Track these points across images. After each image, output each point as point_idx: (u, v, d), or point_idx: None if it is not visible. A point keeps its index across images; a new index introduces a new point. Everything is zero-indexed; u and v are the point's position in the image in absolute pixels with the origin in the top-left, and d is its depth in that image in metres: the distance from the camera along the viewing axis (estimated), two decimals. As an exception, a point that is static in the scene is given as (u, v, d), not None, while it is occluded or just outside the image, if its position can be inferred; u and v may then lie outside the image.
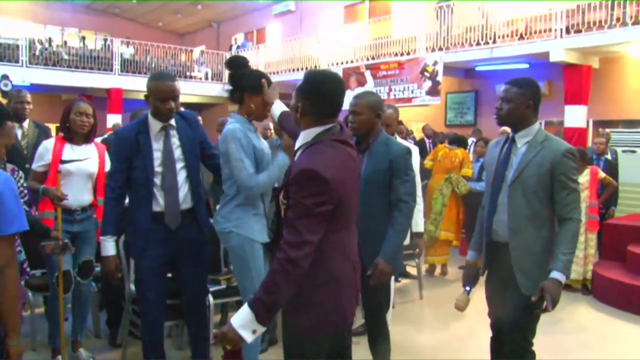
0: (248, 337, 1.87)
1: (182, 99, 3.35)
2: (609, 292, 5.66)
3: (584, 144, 10.15)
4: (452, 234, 6.64)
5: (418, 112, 13.83)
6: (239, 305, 3.44)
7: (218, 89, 18.74)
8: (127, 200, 3.27)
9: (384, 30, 14.60)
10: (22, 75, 14.96)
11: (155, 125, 3.12)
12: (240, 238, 3.06)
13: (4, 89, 13.31)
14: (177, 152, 3.16)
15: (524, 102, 2.64)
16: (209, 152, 3.36)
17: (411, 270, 6.06)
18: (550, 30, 10.28)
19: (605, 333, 4.83)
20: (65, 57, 16.33)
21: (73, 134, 3.67)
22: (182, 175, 3.16)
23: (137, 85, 15.59)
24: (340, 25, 16.38)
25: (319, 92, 2.07)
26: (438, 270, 6.81)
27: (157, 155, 3.12)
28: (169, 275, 3.35)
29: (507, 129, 8.54)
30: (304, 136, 2.12)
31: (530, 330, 2.73)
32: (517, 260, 2.65)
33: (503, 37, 11.08)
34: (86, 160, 3.70)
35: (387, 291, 3.28)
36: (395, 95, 12.93)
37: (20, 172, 3.64)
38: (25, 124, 4.54)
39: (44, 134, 4.58)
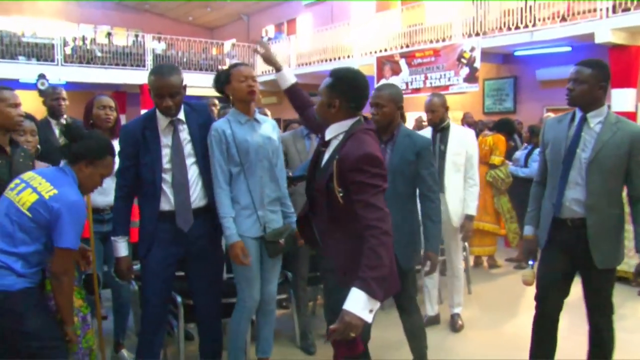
0: (369, 317, 2.00)
1: (214, 92, 3.20)
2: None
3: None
4: (493, 225, 6.34)
5: (455, 100, 13.46)
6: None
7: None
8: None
9: (418, 17, 14.25)
10: (58, 74, 15.12)
11: (162, 120, 2.95)
12: None
13: (41, 87, 13.45)
14: (188, 148, 3.00)
15: (596, 83, 2.72)
16: None
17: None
18: (594, 10, 9.85)
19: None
20: (99, 54, 16.45)
21: (98, 130, 3.55)
22: (193, 172, 3.00)
23: (169, 80, 15.57)
24: (372, 13, 16.03)
25: (354, 88, 2.29)
26: (485, 264, 6.57)
27: (166, 152, 2.95)
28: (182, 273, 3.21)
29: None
30: (338, 128, 2.32)
31: (610, 297, 2.92)
32: (594, 237, 2.75)
33: (544, 19, 10.67)
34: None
35: (414, 278, 3.41)
36: (431, 83, 12.64)
37: None
38: (63, 120, 4.46)
39: None
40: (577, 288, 3.02)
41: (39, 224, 2.37)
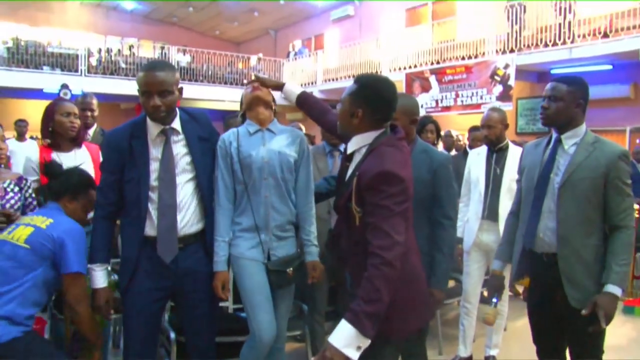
0: (354, 355, 1.81)
1: (239, 107, 2.81)
2: None
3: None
4: None
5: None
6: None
7: (276, 97, 18.22)
8: None
9: (449, 33, 13.89)
10: (81, 84, 14.96)
11: (153, 128, 2.52)
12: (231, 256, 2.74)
13: (64, 97, 13.29)
14: (184, 162, 2.57)
15: (573, 100, 2.49)
16: None
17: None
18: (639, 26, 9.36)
19: None
20: (123, 65, 16.31)
21: (59, 139, 3.22)
22: (187, 191, 2.57)
23: (193, 93, 15.43)
24: (401, 29, 15.68)
25: (381, 98, 2.09)
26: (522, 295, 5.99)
27: (155, 167, 2.51)
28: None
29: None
30: (360, 140, 2.12)
31: (598, 349, 2.52)
32: (566, 270, 2.47)
33: (583, 36, 10.18)
34: None
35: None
36: (462, 101, 12.17)
37: (29, 181, 3.06)
38: (91, 131, 4.10)
39: None
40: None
41: (40, 255, 2.37)
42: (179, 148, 2.55)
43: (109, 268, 2.66)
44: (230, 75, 18.37)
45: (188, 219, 2.56)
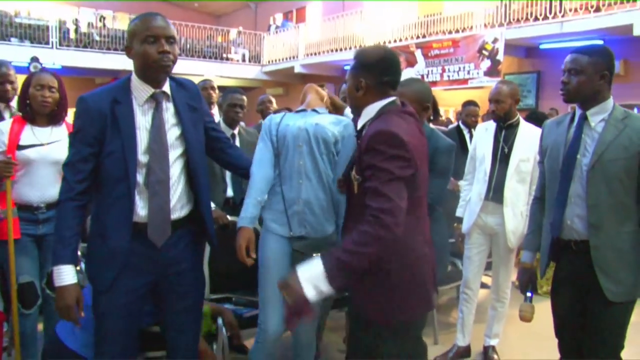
0: (310, 293, 1.72)
1: (218, 81, 2.46)
2: None
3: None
4: None
5: (472, 95, 12.62)
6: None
7: (256, 71, 18.03)
8: None
9: (435, 6, 13.57)
10: (52, 57, 14.37)
11: (141, 90, 2.15)
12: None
13: (33, 71, 12.72)
14: (173, 135, 2.20)
15: (597, 72, 2.28)
16: (213, 135, 2.44)
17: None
18: (633, 0, 9.14)
19: None
20: (97, 38, 15.68)
21: (35, 113, 2.98)
22: (177, 167, 2.22)
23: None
24: (386, 2, 15.29)
25: (379, 61, 2.01)
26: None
27: (143, 136, 2.13)
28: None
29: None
30: (368, 112, 2.02)
31: (619, 346, 2.36)
32: (600, 261, 2.27)
33: (575, 10, 9.95)
34: (51, 145, 2.97)
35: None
36: (449, 76, 11.94)
37: None
38: (14, 103, 3.63)
39: None
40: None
41: None
42: (169, 117, 2.19)
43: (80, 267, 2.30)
44: (210, 49, 17.84)
45: (177, 201, 2.21)
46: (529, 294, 2.60)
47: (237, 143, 3.78)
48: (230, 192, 3.70)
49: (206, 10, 22.92)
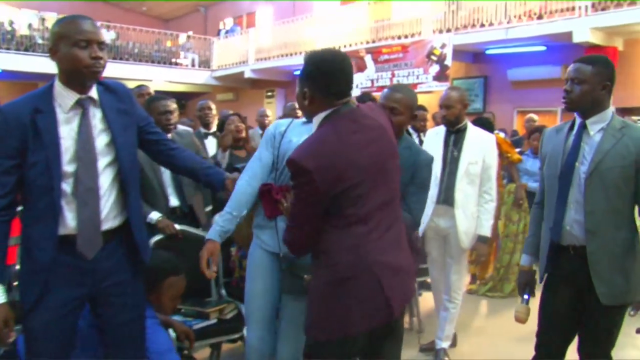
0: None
1: (167, 87, 2.38)
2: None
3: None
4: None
5: (421, 100, 12.80)
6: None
7: (205, 77, 17.78)
8: None
9: (385, 12, 13.64)
10: (-7, 60, 13.85)
11: (66, 97, 2.05)
12: None
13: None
14: (102, 142, 2.11)
15: (600, 82, 2.33)
16: (152, 138, 2.36)
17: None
18: (572, 9, 9.45)
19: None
20: (40, 41, 15.18)
21: None
22: (107, 176, 2.13)
23: (118, 72, 14.54)
24: (336, 7, 15.35)
25: (323, 72, 1.94)
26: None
27: (68, 145, 2.04)
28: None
29: (534, 116, 7.89)
30: (315, 121, 2.00)
31: (611, 347, 2.45)
32: (595, 265, 2.34)
33: (519, 17, 10.25)
34: None
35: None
36: (398, 81, 11.97)
37: None
38: None
39: None
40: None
41: None
42: (96, 124, 2.10)
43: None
44: (158, 53, 17.51)
45: (108, 211, 2.12)
46: (525, 296, 2.64)
47: None
48: (175, 202, 3.57)
49: (155, 14, 22.51)
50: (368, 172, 1.90)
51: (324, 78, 1.94)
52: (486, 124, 5.68)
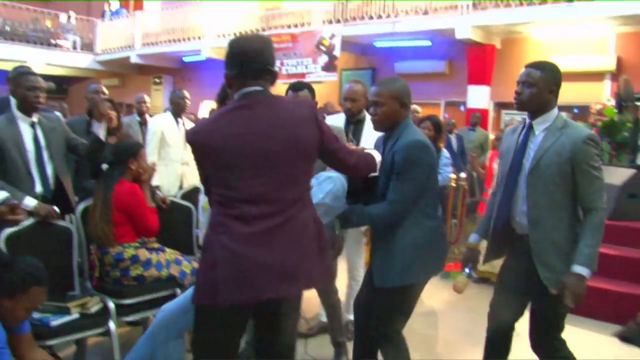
0: None
1: (46, 70, 2.17)
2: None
3: (486, 126, 9.84)
4: None
5: (312, 90, 12.94)
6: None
7: (89, 60, 16.91)
8: None
9: (275, 1, 13.53)
10: None
11: None
12: None
13: None
14: None
15: (547, 86, 2.54)
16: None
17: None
18: (455, 7, 9.79)
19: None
20: None
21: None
22: None
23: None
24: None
25: (232, 53, 2.05)
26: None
27: None
28: None
29: (418, 108, 8.10)
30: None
31: (560, 327, 2.65)
32: (538, 252, 2.56)
33: (406, 12, 10.46)
34: None
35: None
36: (287, 70, 11.95)
37: None
38: None
39: None
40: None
41: None
42: None
43: None
44: (36, 33, 16.40)
45: None
46: (467, 270, 2.87)
47: (39, 133, 3.36)
48: (39, 188, 3.31)
49: (34, -8, 21.07)
50: (246, 158, 1.95)
51: (237, 57, 2.03)
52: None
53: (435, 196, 2.67)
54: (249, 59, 2.02)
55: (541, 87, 2.53)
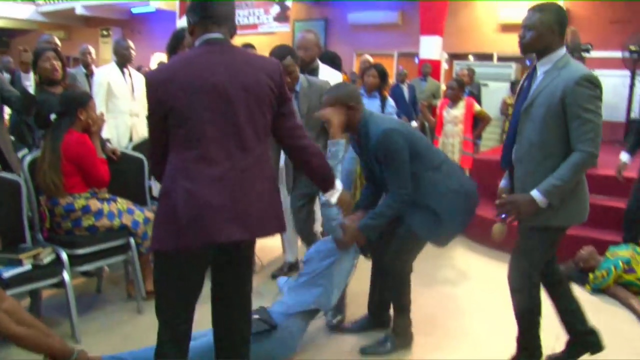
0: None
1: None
2: (482, 232, 5.10)
3: (438, 77, 9.91)
4: None
5: (263, 41, 12.71)
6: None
7: (30, 11, 16.15)
8: None
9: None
10: None
11: None
12: None
13: None
14: None
15: (548, 27, 2.50)
16: None
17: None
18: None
19: (488, 278, 4.38)
20: None
21: None
22: None
23: None
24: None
25: (194, 4, 2.06)
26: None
27: None
28: None
29: (369, 57, 8.11)
30: None
31: (533, 263, 2.68)
32: (518, 189, 2.61)
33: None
34: None
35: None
36: (239, 21, 11.64)
37: None
38: None
39: None
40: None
41: None
42: None
43: None
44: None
45: None
46: (503, 216, 2.78)
47: None
48: None
49: None
50: (207, 96, 1.94)
51: (199, 2, 2.04)
52: (333, 58, 5.72)
53: (429, 148, 2.93)
54: (212, 3, 2.03)
55: (540, 29, 2.50)
